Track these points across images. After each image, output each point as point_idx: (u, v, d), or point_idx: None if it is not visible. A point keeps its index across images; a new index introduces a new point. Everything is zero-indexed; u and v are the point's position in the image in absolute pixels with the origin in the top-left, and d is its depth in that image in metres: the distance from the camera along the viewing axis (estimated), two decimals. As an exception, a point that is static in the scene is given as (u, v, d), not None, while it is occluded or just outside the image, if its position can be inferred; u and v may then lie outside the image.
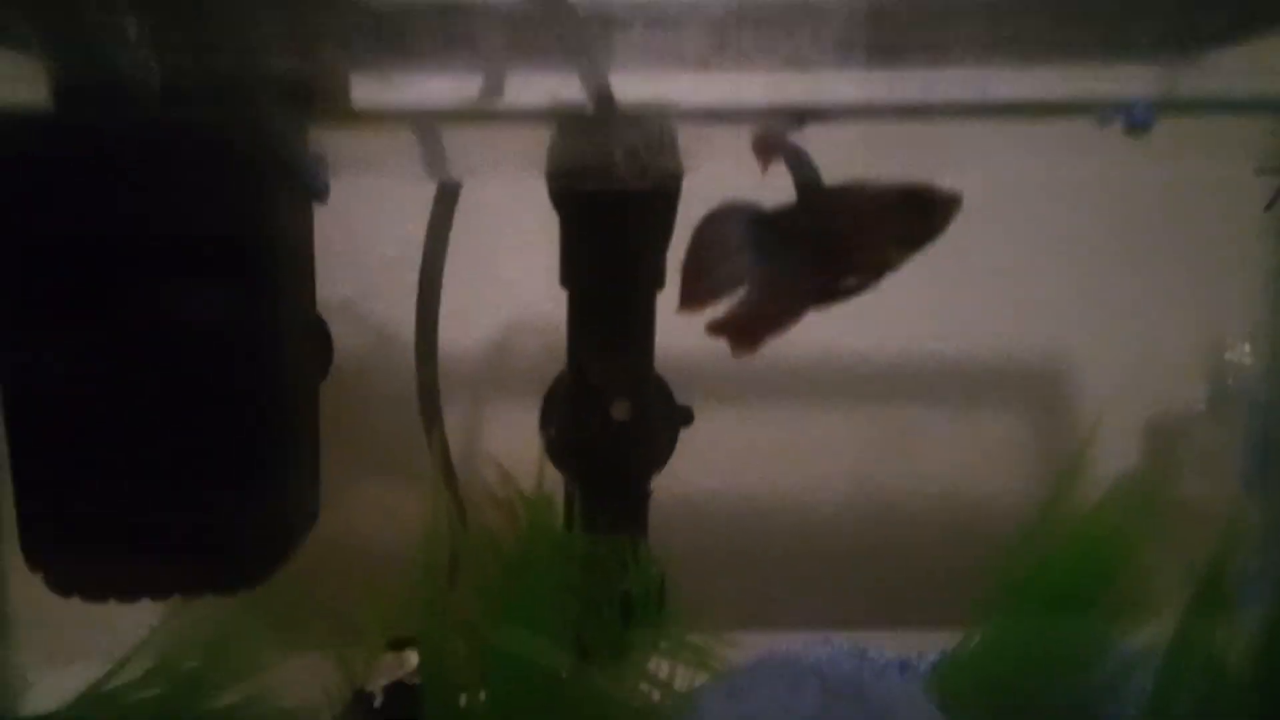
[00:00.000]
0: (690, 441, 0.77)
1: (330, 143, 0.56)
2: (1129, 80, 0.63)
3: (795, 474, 0.85)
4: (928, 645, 0.59)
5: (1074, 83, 0.57)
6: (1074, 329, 0.83)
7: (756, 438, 0.83)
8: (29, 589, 0.51)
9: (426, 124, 0.52)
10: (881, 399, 0.85)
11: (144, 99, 0.44)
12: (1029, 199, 0.82)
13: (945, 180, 0.43)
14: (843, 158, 0.48)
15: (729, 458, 0.83)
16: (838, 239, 0.40)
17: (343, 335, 0.69)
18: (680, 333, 0.79)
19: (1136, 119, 0.40)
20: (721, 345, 0.82)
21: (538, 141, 0.55)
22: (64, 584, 0.51)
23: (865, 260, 0.40)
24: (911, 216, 0.40)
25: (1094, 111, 0.41)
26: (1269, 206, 0.55)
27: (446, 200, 0.64)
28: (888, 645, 0.63)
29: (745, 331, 0.43)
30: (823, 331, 0.82)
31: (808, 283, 0.41)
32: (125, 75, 0.43)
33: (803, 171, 0.41)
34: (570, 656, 0.44)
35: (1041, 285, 0.82)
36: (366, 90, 0.54)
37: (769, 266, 0.42)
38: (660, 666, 0.48)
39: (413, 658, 0.47)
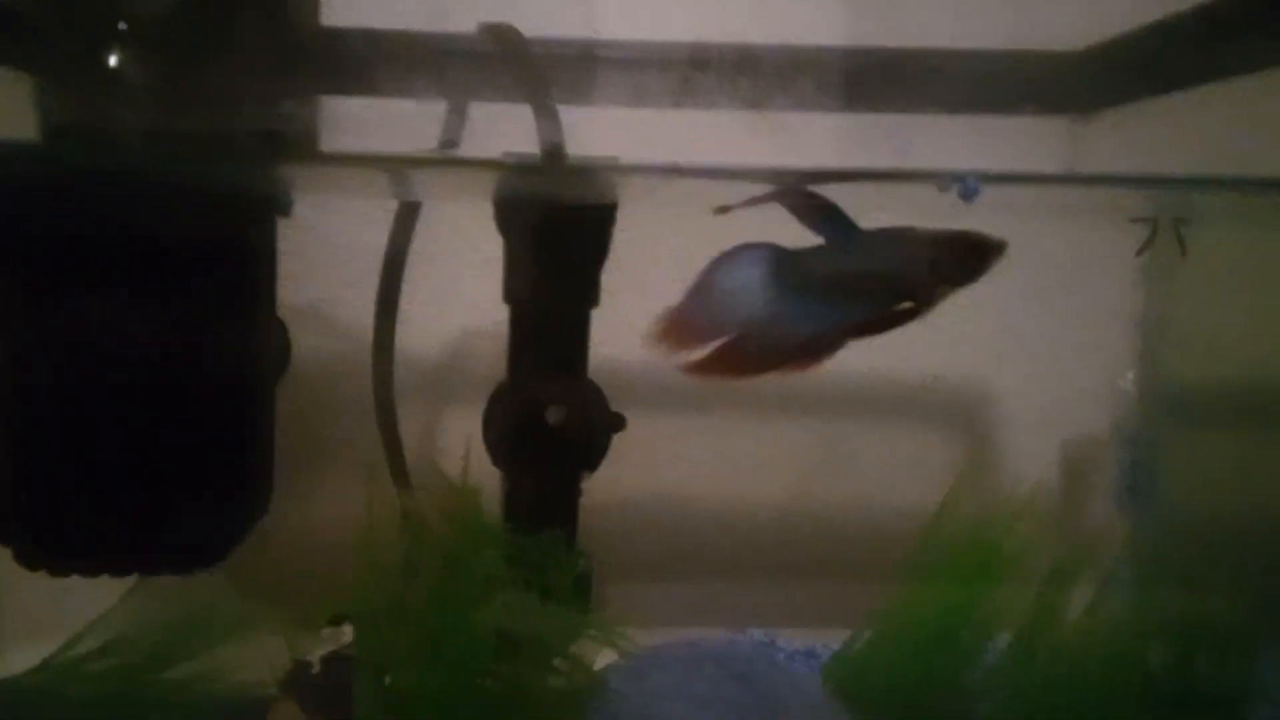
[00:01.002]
0: (630, 451, 0.82)
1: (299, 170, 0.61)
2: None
3: (732, 485, 0.89)
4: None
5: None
6: (993, 359, 0.89)
7: (695, 449, 0.88)
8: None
9: (387, 168, 0.57)
10: (816, 415, 0.90)
11: (127, 137, 0.49)
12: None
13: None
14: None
15: (668, 467, 0.88)
16: (888, 277, 0.45)
17: (308, 338, 0.73)
18: (625, 347, 0.85)
19: (967, 189, 0.46)
20: (663, 361, 0.87)
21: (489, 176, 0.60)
22: (30, 559, 0.55)
23: (914, 295, 0.45)
24: (961, 259, 0.45)
25: (937, 180, 0.47)
26: (1139, 252, 0.61)
27: (406, 218, 0.69)
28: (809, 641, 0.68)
29: (755, 363, 0.47)
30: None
31: (848, 317, 0.45)
32: (110, 114, 0.47)
33: (833, 218, 0.46)
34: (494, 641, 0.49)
35: (962, 320, 0.88)
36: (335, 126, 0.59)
37: (797, 304, 0.46)
38: (580, 651, 0.53)
39: (349, 631, 0.51)
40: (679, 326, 0.47)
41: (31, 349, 0.53)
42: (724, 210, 0.46)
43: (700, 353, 0.47)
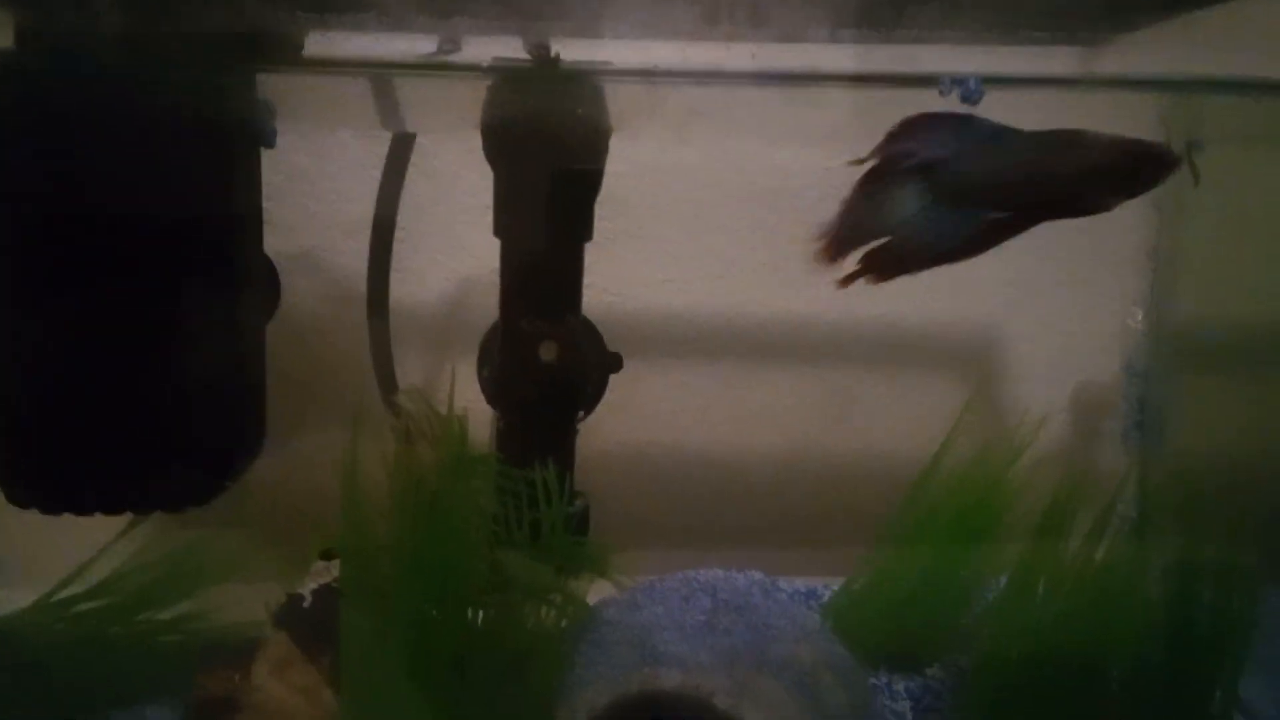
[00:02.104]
0: (634, 397, 0.80)
1: (284, 91, 0.59)
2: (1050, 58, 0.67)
3: (736, 433, 0.89)
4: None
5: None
6: (1000, 303, 0.87)
7: (700, 396, 0.87)
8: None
9: (374, 74, 0.55)
10: (821, 363, 0.89)
11: (99, 46, 0.47)
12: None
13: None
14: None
15: (672, 414, 0.87)
16: (1054, 178, 0.45)
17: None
18: (632, 292, 0.84)
19: (968, 91, 0.44)
20: (669, 304, 0.86)
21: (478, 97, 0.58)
22: (22, 496, 0.54)
23: (1081, 199, 0.45)
24: (1136, 168, 0.45)
25: (937, 83, 0.45)
26: (1196, 181, 0.59)
27: (400, 150, 0.67)
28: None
29: (906, 262, 0.47)
30: (767, 297, 0.87)
31: (1008, 216, 0.46)
32: (80, 23, 0.46)
33: (983, 129, 0.46)
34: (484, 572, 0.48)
35: (971, 262, 0.86)
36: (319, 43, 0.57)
37: (951, 206, 0.46)
38: (574, 583, 0.52)
39: (339, 565, 0.51)
40: (837, 246, 0.48)
41: (18, 285, 0.52)
42: (859, 162, 0.47)
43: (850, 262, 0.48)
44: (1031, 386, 0.85)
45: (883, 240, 0.47)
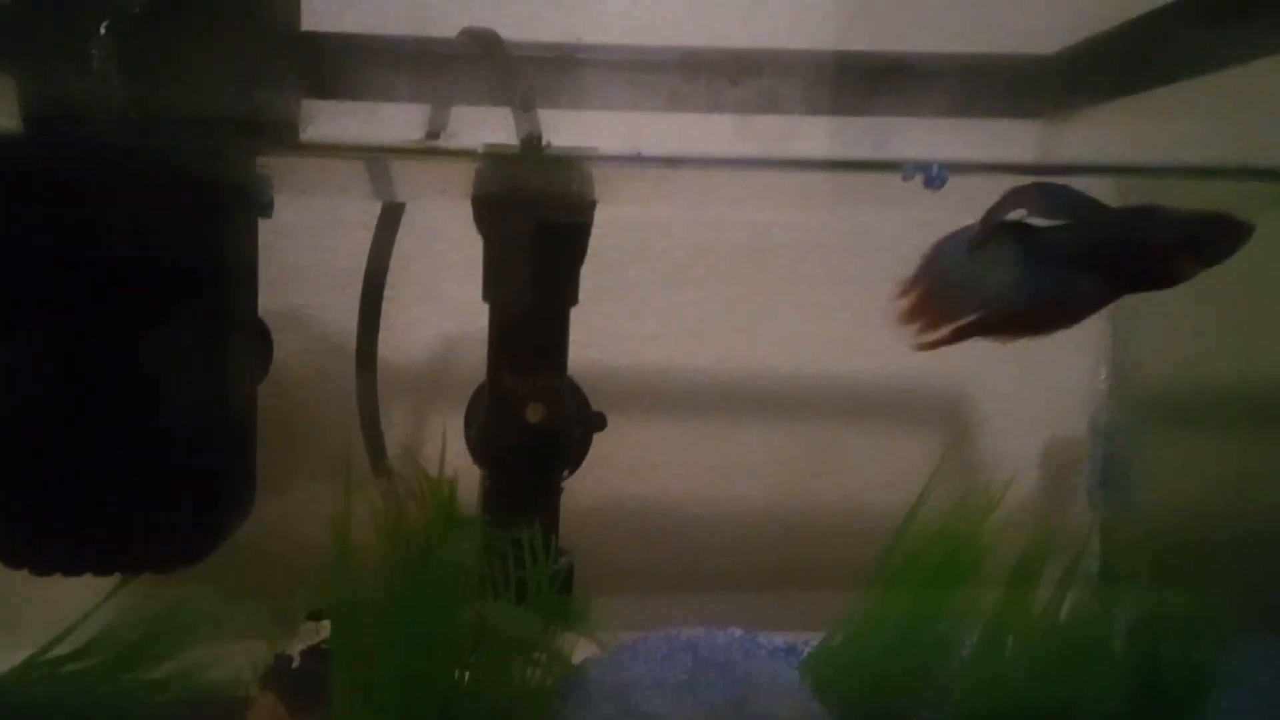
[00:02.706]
0: (620, 452, 0.82)
1: (280, 165, 0.61)
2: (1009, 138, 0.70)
3: (721, 487, 0.90)
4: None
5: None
6: (972, 361, 0.89)
7: (686, 451, 0.89)
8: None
9: (368, 158, 0.57)
10: (800, 417, 0.91)
11: (107, 125, 0.49)
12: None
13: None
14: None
15: (655, 469, 0.88)
16: (1136, 252, 0.47)
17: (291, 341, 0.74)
18: (619, 351, 0.86)
19: (930, 178, 0.47)
20: (662, 362, 0.88)
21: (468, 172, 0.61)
22: (13, 557, 0.55)
23: (1162, 271, 0.47)
24: (1210, 239, 0.47)
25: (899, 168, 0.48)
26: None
27: (390, 219, 0.69)
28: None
29: (997, 331, 0.48)
30: (752, 353, 0.89)
31: (1093, 288, 0.47)
32: (90, 103, 0.48)
33: (1073, 200, 0.48)
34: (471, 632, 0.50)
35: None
36: (317, 122, 0.60)
37: (1042, 276, 0.48)
38: (559, 643, 0.54)
39: (329, 625, 0.51)
40: (929, 309, 0.49)
41: (13, 346, 0.53)
42: (982, 242, 0.48)
43: (942, 330, 0.49)
44: (1003, 442, 0.87)
45: (980, 306, 0.48)
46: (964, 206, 0.50)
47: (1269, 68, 0.55)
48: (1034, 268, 0.47)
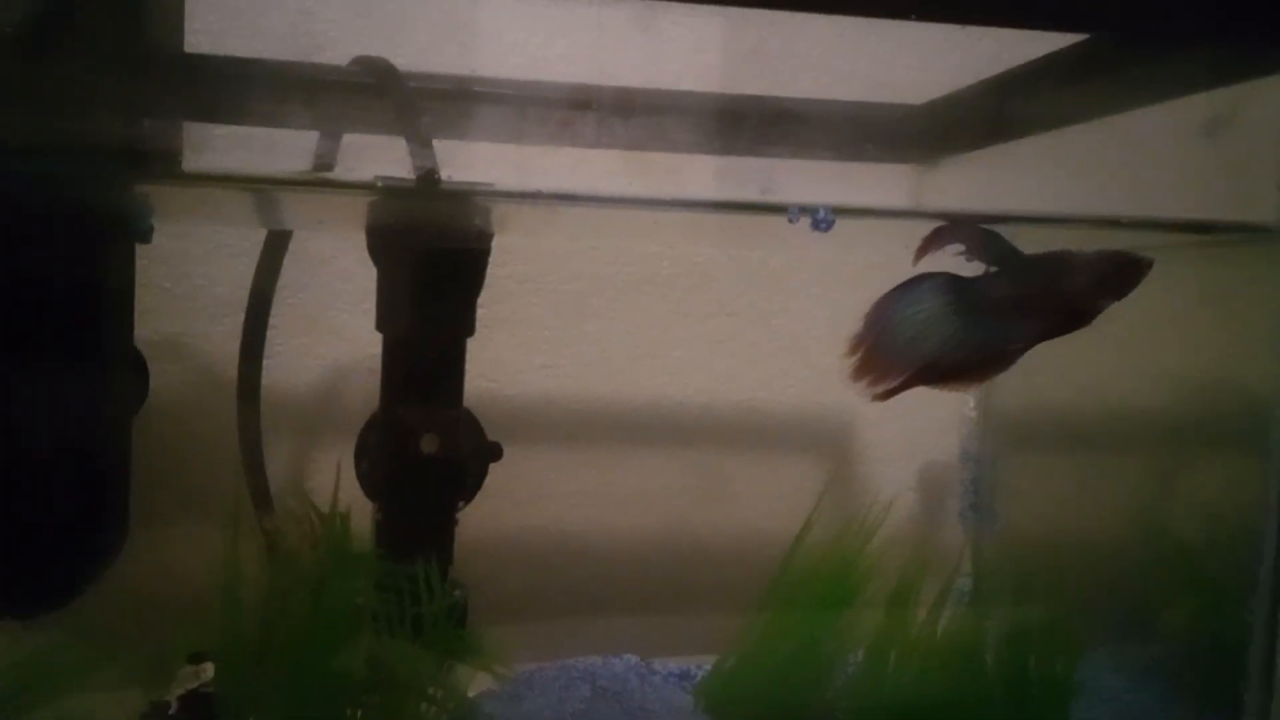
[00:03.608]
0: (513, 481, 0.81)
1: (160, 192, 0.59)
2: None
3: (615, 515, 0.91)
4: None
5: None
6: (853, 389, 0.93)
7: (579, 480, 0.89)
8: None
9: (253, 189, 0.56)
10: (694, 446, 0.93)
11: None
12: (823, 281, 0.93)
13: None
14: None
15: (553, 498, 0.88)
16: (1055, 295, 0.50)
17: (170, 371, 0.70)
18: (507, 379, 0.86)
19: (817, 221, 0.50)
20: (546, 390, 0.88)
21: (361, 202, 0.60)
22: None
23: (1078, 309, 0.50)
24: (1116, 276, 0.50)
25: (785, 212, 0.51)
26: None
27: (275, 247, 0.68)
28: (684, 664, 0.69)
29: (942, 380, 0.51)
30: (644, 384, 0.90)
31: (1021, 333, 0.50)
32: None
33: (998, 246, 0.51)
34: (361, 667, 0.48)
35: (827, 353, 0.93)
36: (198, 149, 0.58)
37: (976, 326, 0.50)
38: (455, 678, 0.53)
39: (210, 668, 0.49)
40: (876, 364, 0.51)
41: None
42: (921, 253, 0.51)
43: (891, 382, 0.51)
44: (882, 468, 0.91)
45: (924, 358, 0.50)
46: (840, 246, 0.53)
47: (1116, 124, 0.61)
48: (968, 319, 0.50)
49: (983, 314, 0.50)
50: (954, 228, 0.51)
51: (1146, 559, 0.65)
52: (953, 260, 0.51)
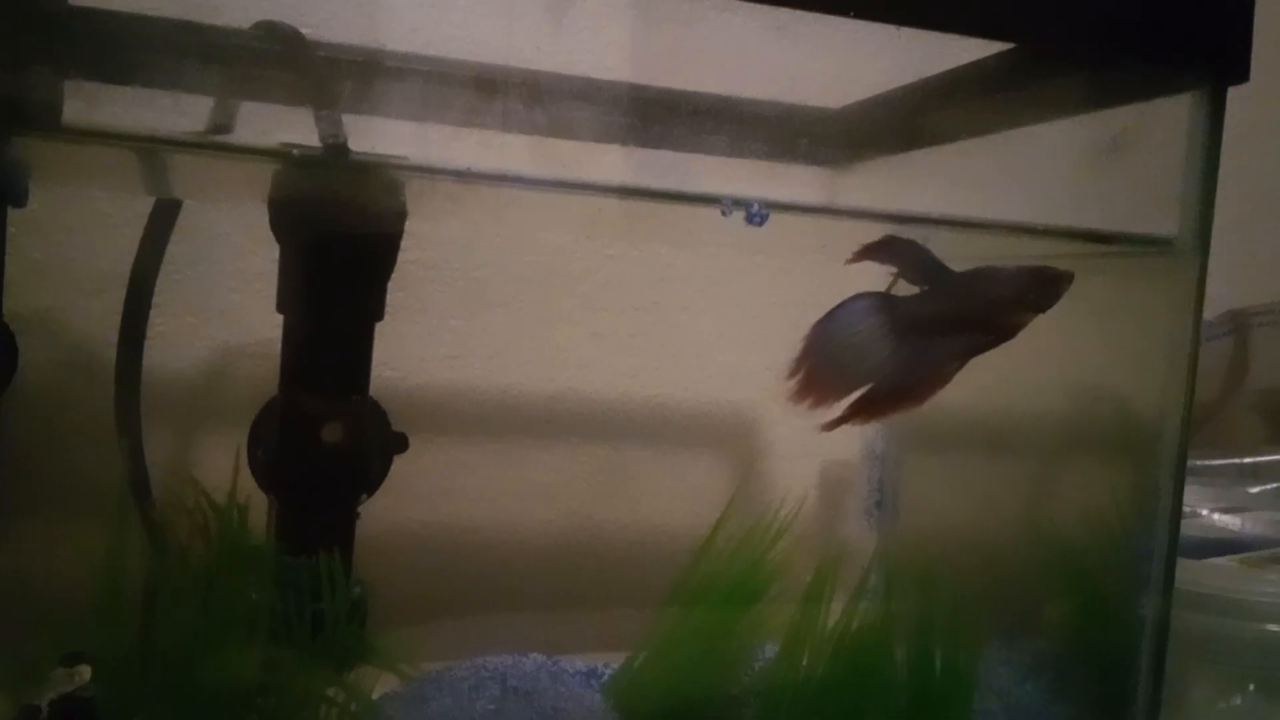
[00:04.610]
0: (414, 475, 0.79)
1: (37, 150, 0.54)
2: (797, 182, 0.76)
3: (518, 510, 0.89)
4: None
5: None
6: (759, 387, 0.94)
7: (482, 474, 0.87)
8: None
9: (143, 149, 0.52)
10: (598, 440, 0.92)
11: None
12: (732, 279, 0.93)
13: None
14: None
15: (454, 492, 0.86)
16: (982, 310, 0.51)
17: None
18: (410, 369, 0.83)
19: (751, 215, 0.50)
20: (451, 381, 0.86)
21: (263, 172, 0.57)
22: None
23: (1003, 324, 0.51)
24: (1039, 290, 0.51)
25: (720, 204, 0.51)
26: (889, 288, 0.68)
27: (162, 217, 0.63)
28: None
29: (884, 404, 0.51)
30: (550, 376, 0.89)
31: (952, 350, 0.51)
32: None
33: (930, 263, 0.51)
34: (256, 669, 0.46)
35: (734, 351, 0.94)
36: (81, 105, 0.53)
37: (911, 345, 0.51)
38: (354, 677, 0.50)
39: (86, 671, 0.45)
40: (816, 387, 0.51)
41: None
42: (855, 260, 0.51)
43: (837, 407, 0.52)
44: (786, 465, 0.93)
45: (862, 379, 0.51)
46: (751, 245, 0.53)
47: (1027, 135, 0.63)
48: (902, 337, 0.51)
49: (916, 332, 0.52)
50: (890, 242, 0.52)
51: (1036, 557, 0.68)
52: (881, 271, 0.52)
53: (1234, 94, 0.54)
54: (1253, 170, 1.13)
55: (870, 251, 0.51)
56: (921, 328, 0.52)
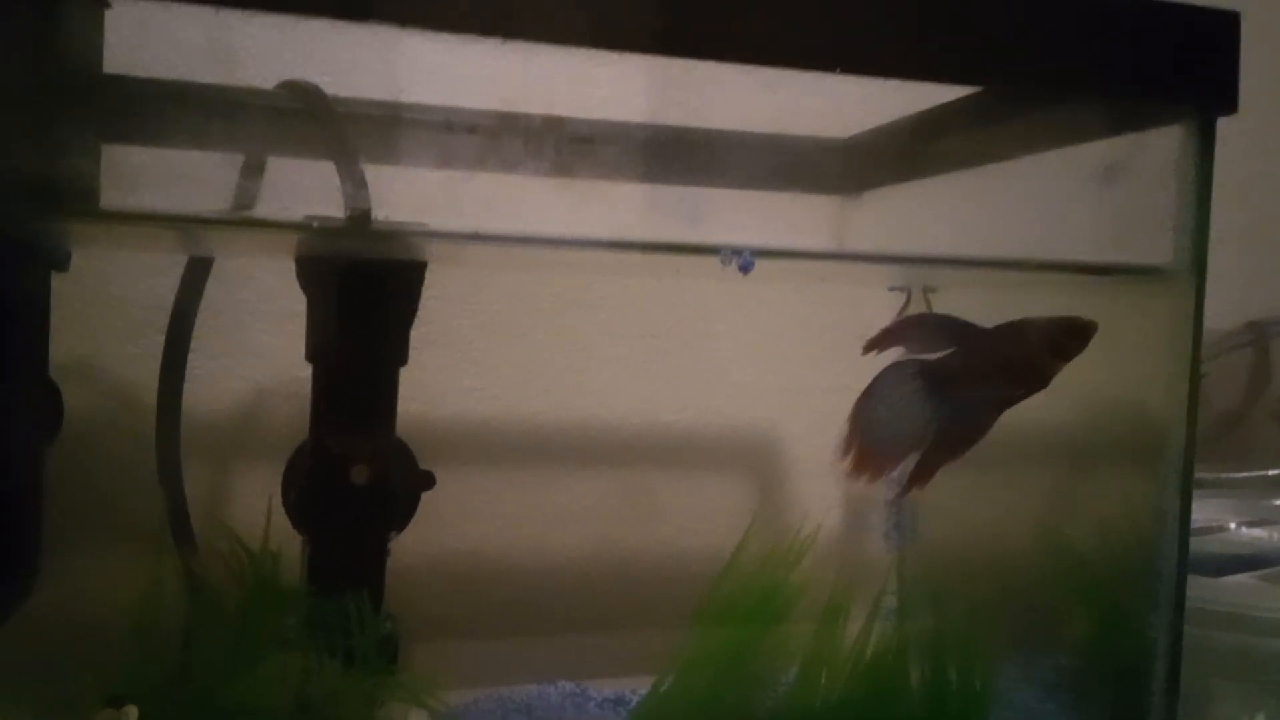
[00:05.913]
0: (442, 506, 0.81)
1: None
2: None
3: (543, 537, 0.91)
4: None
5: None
6: (778, 408, 0.96)
7: (508, 503, 0.89)
8: None
9: (175, 227, 0.55)
10: (622, 466, 0.94)
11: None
12: (747, 305, 0.95)
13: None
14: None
15: (481, 521, 0.88)
16: (1014, 363, 0.53)
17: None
18: (435, 401, 0.85)
19: (743, 263, 0.52)
20: (474, 412, 0.88)
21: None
22: None
23: (1036, 374, 0.54)
24: (1067, 340, 0.53)
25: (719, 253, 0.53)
26: (899, 315, 0.70)
27: (197, 273, 0.66)
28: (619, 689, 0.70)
29: (936, 463, 0.55)
30: (570, 405, 0.91)
31: (988, 402, 0.53)
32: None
33: (953, 327, 0.54)
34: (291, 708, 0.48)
35: (754, 374, 0.95)
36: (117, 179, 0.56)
37: (949, 403, 0.53)
38: (386, 713, 0.52)
39: (133, 712, 0.48)
40: (869, 462, 0.54)
41: None
42: (870, 349, 0.54)
43: (894, 472, 0.56)
44: (809, 485, 0.94)
45: (910, 447, 0.54)
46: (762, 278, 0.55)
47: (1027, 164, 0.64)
48: (940, 398, 0.54)
49: (952, 390, 0.54)
50: (907, 324, 0.54)
51: (1054, 574, 0.69)
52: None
53: (1252, 103, 0.55)
54: (1272, 177, 1.13)
55: (890, 335, 0.54)
56: (956, 386, 0.54)
